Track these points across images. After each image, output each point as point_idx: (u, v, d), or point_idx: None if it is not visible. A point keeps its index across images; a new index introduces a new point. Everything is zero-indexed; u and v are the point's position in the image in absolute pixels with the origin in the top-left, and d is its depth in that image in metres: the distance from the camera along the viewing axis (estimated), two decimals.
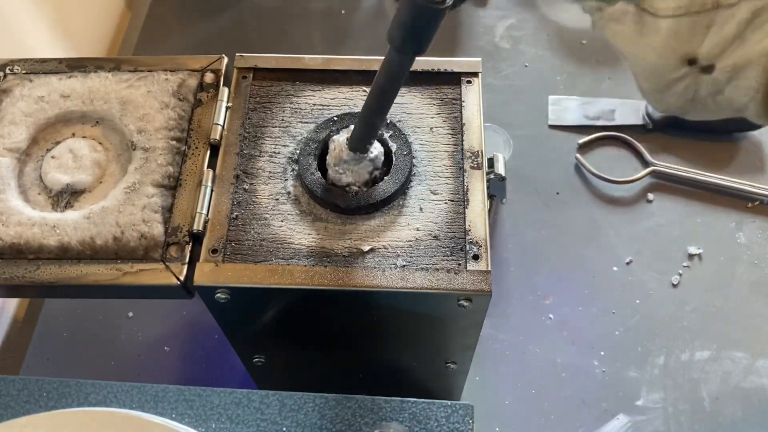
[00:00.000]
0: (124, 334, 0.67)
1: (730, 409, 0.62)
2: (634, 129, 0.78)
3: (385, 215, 0.44)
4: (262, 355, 0.52)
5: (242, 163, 0.46)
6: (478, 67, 0.49)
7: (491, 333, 0.66)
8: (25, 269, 0.42)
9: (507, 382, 0.64)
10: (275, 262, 0.42)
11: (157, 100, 0.47)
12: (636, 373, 0.64)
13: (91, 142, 0.47)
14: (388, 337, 0.49)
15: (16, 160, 0.46)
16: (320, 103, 0.48)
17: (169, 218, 0.44)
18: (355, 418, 0.40)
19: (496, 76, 0.83)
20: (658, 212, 0.73)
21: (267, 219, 0.44)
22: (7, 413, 0.40)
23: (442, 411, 0.40)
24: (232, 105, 0.48)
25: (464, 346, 0.50)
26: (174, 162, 0.45)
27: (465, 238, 0.42)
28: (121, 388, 0.41)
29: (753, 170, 0.74)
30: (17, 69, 0.49)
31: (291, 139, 0.47)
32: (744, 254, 0.70)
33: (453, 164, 0.45)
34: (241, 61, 0.50)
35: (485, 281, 0.41)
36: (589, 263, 0.70)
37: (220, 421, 0.40)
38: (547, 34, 0.87)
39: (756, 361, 0.64)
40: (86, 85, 0.48)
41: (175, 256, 0.42)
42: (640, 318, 0.67)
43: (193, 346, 0.67)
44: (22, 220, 0.43)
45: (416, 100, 0.48)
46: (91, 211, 0.43)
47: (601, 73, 0.83)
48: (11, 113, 0.47)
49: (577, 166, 0.76)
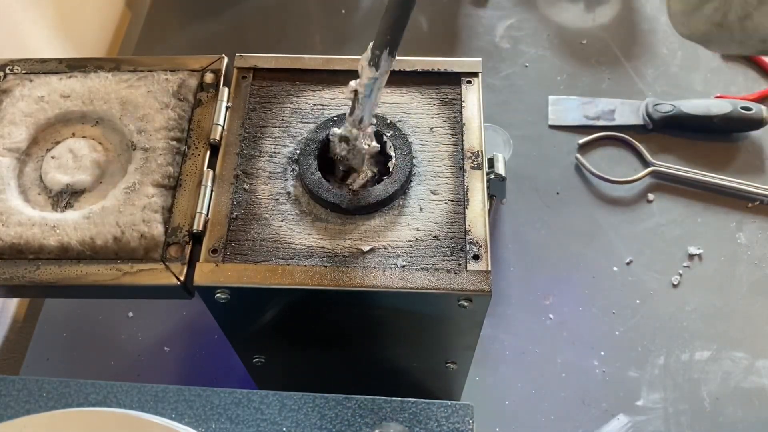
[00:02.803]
0: (124, 334, 0.67)
1: (730, 409, 0.62)
2: (634, 129, 0.78)
3: (385, 215, 0.44)
4: (262, 356, 0.52)
5: (242, 163, 0.46)
6: (478, 67, 0.49)
7: (491, 333, 0.66)
8: (25, 269, 0.42)
9: (507, 382, 0.64)
10: (275, 262, 0.42)
11: (157, 100, 0.47)
12: (636, 374, 0.64)
13: (91, 142, 0.47)
14: (388, 338, 0.49)
15: (16, 160, 0.46)
16: (320, 103, 0.48)
17: (169, 218, 0.44)
18: (355, 418, 0.40)
19: (496, 76, 0.83)
20: (658, 212, 0.73)
21: (267, 219, 0.44)
22: (7, 413, 0.40)
23: (442, 411, 0.40)
24: (232, 105, 0.48)
25: (464, 346, 0.50)
26: (174, 162, 0.45)
27: (465, 238, 0.42)
28: (121, 388, 0.41)
29: (753, 170, 0.74)
30: (17, 69, 0.49)
31: (291, 139, 0.47)
32: (744, 254, 0.70)
33: (453, 164, 0.45)
34: (241, 61, 0.50)
35: (485, 281, 0.41)
36: (589, 263, 0.70)
37: (220, 421, 0.40)
38: (547, 34, 0.87)
39: (756, 361, 0.64)
40: (86, 85, 0.48)
41: (175, 257, 0.42)
42: (640, 318, 0.67)
43: (193, 346, 0.67)
44: (22, 220, 0.43)
45: (416, 100, 0.48)
46: (91, 211, 0.43)
47: (601, 73, 0.83)
48: (11, 113, 0.47)
49: (577, 166, 0.76)
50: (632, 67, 0.83)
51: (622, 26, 0.87)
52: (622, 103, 0.79)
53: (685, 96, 0.79)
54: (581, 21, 0.87)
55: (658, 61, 0.83)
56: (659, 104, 0.77)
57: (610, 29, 0.86)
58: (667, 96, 0.80)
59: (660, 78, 0.82)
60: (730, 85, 0.81)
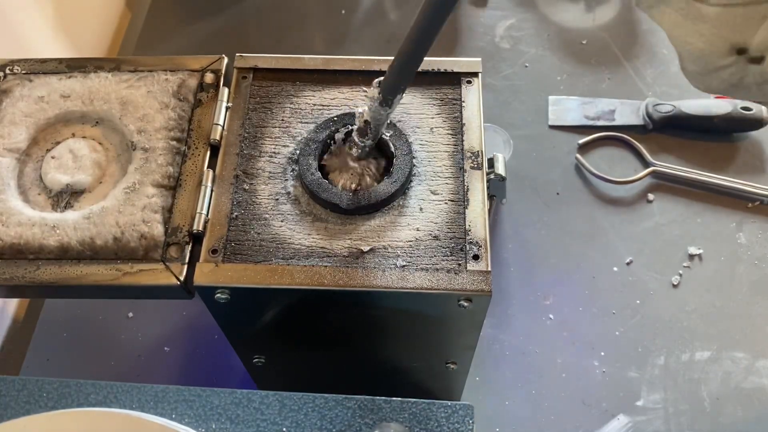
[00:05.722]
0: (124, 334, 0.67)
1: (730, 409, 0.62)
2: (634, 129, 0.78)
3: (385, 215, 0.44)
4: (262, 356, 0.52)
5: (242, 164, 0.46)
6: (478, 68, 0.49)
7: (491, 333, 0.66)
8: (25, 269, 0.42)
9: (507, 382, 0.64)
10: (275, 262, 0.42)
11: (157, 100, 0.47)
12: (636, 374, 0.64)
13: (91, 143, 0.47)
14: (388, 338, 0.49)
15: (16, 161, 0.46)
16: (320, 103, 0.48)
17: (169, 218, 0.44)
18: (355, 418, 0.40)
19: (496, 76, 0.83)
20: (658, 212, 0.73)
21: (267, 219, 0.44)
22: (7, 413, 0.40)
23: (443, 411, 0.40)
24: (232, 105, 0.48)
25: (464, 347, 0.50)
26: (174, 162, 0.45)
27: (465, 238, 0.42)
28: (121, 388, 0.41)
29: (753, 170, 0.74)
30: (17, 69, 0.49)
31: (291, 139, 0.47)
32: (744, 254, 0.70)
33: (453, 164, 0.45)
34: (241, 61, 0.50)
35: (485, 281, 0.41)
36: (589, 263, 0.70)
37: (220, 421, 0.40)
38: (547, 34, 0.87)
39: (756, 361, 0.64)
40: (86, 86, 0.48)
41: (175, 257, 0.42)
42: (640, 318, 0.67)
43: (193, 346, 0.67)
44: (22, 221, 0.43)
45: (416, 101, 0.48)
46: (91, 211, 0.43)
47: (601, 73, 0.83)
48: (11, 113, 0.47)
49: (577, 166, 0.76)
50: (632, 67, 0.83)
51: (622, 26, 0.87)
52: (622, 103, 0.79)
53: (685, 96, 0.79)
54: (581, 21, 0.87)
55: (658, 61, 0.83)
56: (659, 104, 0.77)
57: (610, 29, 0.86)
58: (667, 96, 0.80)
59: (660, 78, 0.82)
60: None
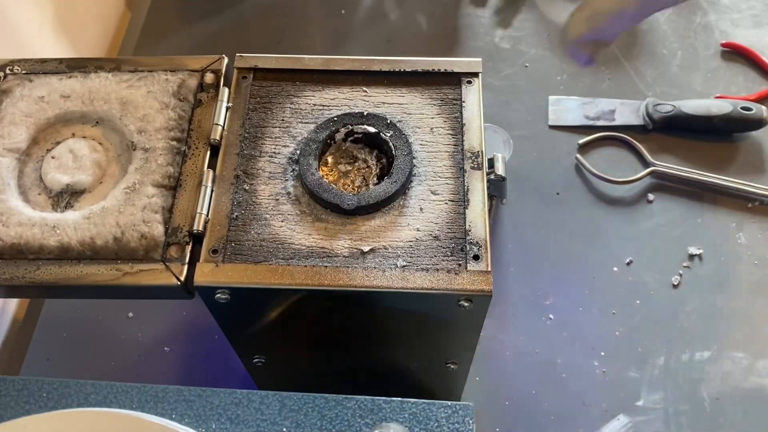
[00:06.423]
0: (124, 335, 0.67)
1: (730, 409, 0.62)
2: (634, 129, 0.77)
3: (385, 215, 0.44)
4: (262, 356, 0.52)
5: (242, 164, 0.46)
6: (478, 68, 0.49)
7: (491, 333, 0.66)
8: (25, 269, 0.42)
9: (507, 382, 0.64)
10: (275, 262, 0.42)
11: (157, 100, 0.47)
12: (636, 374, 0.64)
13: (91, 143, 0.47)
14: (388, 338, 0.49)
15: (16, 161, 0.46)
16: (320, 104, 0.48)
17: (170, 218, 0.44)
18: (355, 418, 0.40)
19: (496, 76, 0.83)
20: (658, 212, 0.73)
21: (267, 219, 0.44)
22: (7, 413, 0.40)
23: (442, 411, 0.40)
24: (232, 105, 0.48)
25: (464, 347, 0.50)
26: (174, 162, 0.45)
27: (465, 239, 0.42)
28: (121, 388, 0.41)
29: (753, 170, 0.74)
30: (17, 69, 0.49)
31: (291, 139, 0.47)
32: (744, 254, 0.70)
33: (453, 164, 0.45)
34: (241, 61, 0.50)
35: (485, 281, 0.41)
36: (589, 263, 0.70)
37: (220, 421, 0.40)
38: (547, 34, 0.87)
39: (756, 361, 0.64)
40: (86, 86, 0.48)
41: (175, 257, 0.42)
42: (640, 318, 0.67)
43: (193, 346, 0.67)
44: (22, 221, 0.43)
45: (416, 101, 0.48)
46: (91, 211, 0.43)
47: (601, 73, 0.83)
48: (11, 113, 0.47)
49: (577, 166, 0.76)
50: (632, 67, 0.83)
51: None
52: (622, 103, 0.79)
53: (685, 96, 0.79)
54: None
55: (658, 61, 0.83)
56: (659, 104, 0.77)
57: None
58: (667, 96, 0.80)
59: (660, 78, 0.82)
60: (730, 85, 0.81)
